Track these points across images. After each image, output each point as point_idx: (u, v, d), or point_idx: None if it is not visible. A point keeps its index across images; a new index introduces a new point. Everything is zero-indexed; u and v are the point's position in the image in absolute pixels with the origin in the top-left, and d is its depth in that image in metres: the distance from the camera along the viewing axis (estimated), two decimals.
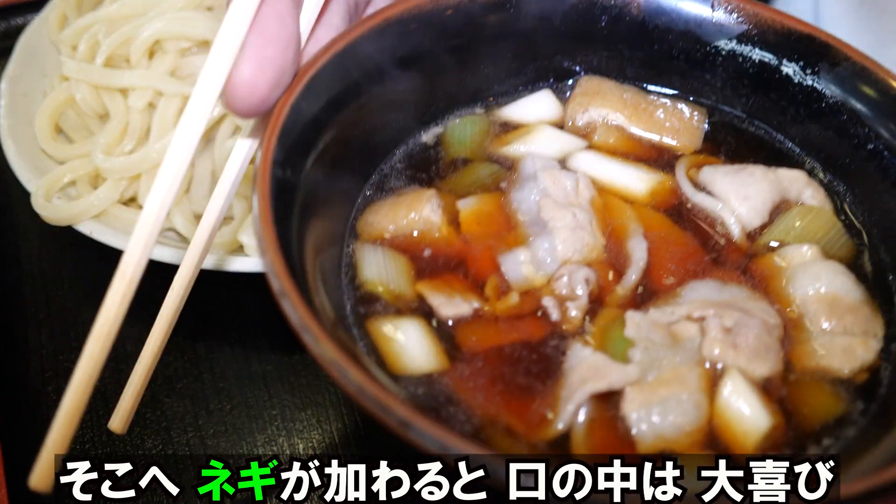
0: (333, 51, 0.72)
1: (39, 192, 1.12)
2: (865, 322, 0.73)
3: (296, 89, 0.68)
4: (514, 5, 0.82)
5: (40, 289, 1.16)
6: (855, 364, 0.71)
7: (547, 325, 0.72)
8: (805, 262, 0.76)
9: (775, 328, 0.71)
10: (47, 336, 1.11)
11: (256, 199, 0.63)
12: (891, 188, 0.77)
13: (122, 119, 1.19)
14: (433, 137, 0.87)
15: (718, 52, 0.84)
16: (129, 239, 1.07)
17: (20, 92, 1.23)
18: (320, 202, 0.73)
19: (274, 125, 0.66)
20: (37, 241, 1.21)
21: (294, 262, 0.64)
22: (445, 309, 0.72)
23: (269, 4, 0.65)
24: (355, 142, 0.78)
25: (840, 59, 0.78)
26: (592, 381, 0.67)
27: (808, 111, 0.82)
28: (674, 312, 0.71)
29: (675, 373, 0.68)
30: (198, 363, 1.07)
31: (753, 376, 0.69)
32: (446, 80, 0.85)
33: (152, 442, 1.01)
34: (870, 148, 0.78)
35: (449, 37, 0.81)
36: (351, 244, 0.78)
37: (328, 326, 0.61)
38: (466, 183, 0.83)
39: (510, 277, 0.75)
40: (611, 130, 0.87)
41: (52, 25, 1.31)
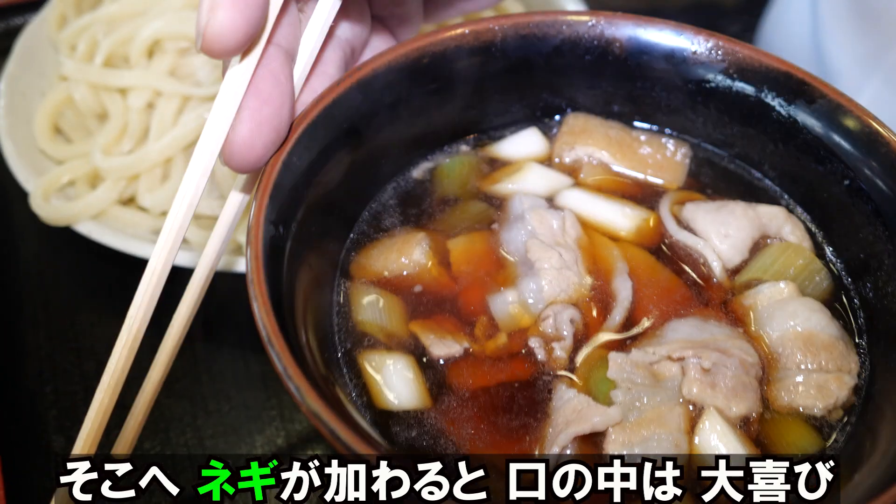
0: (322, 104, 0.75)
1: (38, 193, 1.12)
2: (840, 358, 0.75)
3: (287, 146, 0.72)
4: (499, 48, 0.84)
5: (38, 289, 1.17)
6: (829, 401, 0.73)
7: (534, 365, 0.75)
8: (782, 299, 0.78)
9: (753, 367, 0.74)
10: (45, 336, 1.11)
11: (249, 256, 0.66)
12: (866, 223, 0.79)
13: (120, 119, 1.19)
14: (423, 174, 0.89)
15: (700, 90, 0.86)
16: (127, 239, 1.08)
17: (19, 92, 1.24)
18: (312, 247, 0.76)
19: (266, 184, 0.69)
20: (35, 241, 1.22)
21: (284, 312, 0.67)
22: (437, 349, 0.75)
23: (264, 65, 0.69)
24: (346, 186, 0.81)
25: (816, 95, 0.80)
26: (575, 424, 0.69)
27: (786, 147, 0.84)
28: (655, 353, 0.74)
29: (656, 413, 0.70)
30: (196, 364, 1.08)
31: (730, 415, 0.71)
32: (435, 122, 0.88)
33: (151, 443, 1.01)
34: (846, 184, 0.80)
35: (436, 81, 0.83)
36: (343, 285, 0.80)
37: (314, 370, 0.65)
38: (456, 222, 0.85)
39: (498, 318, 0.78)
40: (597, 168, 0.89)
41: (50, 25, 1.31)
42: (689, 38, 0.83)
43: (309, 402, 0.60)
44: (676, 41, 0.84)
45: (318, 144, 0.75)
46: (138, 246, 1.07)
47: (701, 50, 0.83)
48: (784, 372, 0.74)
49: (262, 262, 0.66)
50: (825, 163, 0.81)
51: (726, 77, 0.84)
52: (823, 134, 0.80)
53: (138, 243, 1.08)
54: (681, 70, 0.85)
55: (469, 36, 0.82)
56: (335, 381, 0.71)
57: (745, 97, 0.84)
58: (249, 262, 0.66)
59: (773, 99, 0.83)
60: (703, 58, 0.84)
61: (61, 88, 1.23)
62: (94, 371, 1.07)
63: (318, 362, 0.69)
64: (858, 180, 0.78)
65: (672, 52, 0.84)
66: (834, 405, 0.73)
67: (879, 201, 0.77)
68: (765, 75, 0.82)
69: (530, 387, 0.74)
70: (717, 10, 1.55)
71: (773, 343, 0.76)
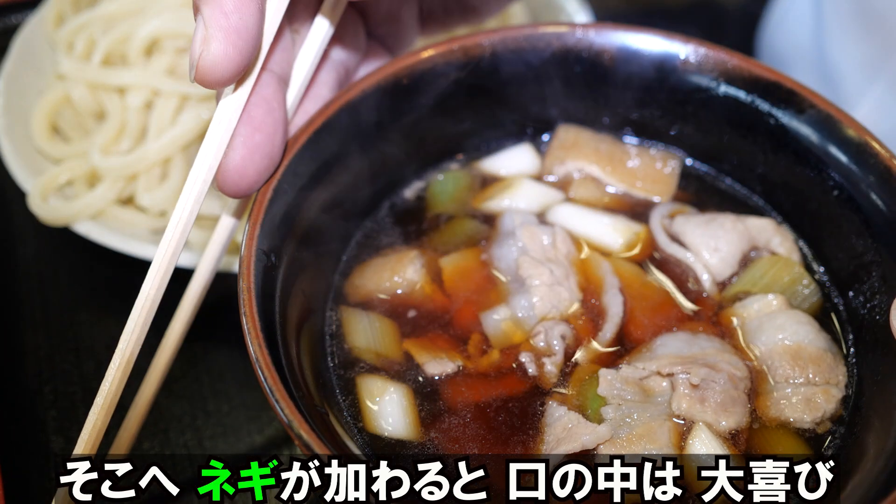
0: (312, 129, 0.75)
1: (36, 193, 1.12)
2: (828, 371, 0.76)
3: (278, 173, 0.72)
4: (489, 62, 0.84)
5: (36, 290, 1.16)
6: (817, 414, 0.74)
7: (527, 381, 0.76)
8: (771, 312, 0.79)
9: (742, 381, 0.74)
10: (44, 337, 1.11)
11: (242, 288, 0.67)
12: (855, 234, 0.79)
13: (118, 118, 1.19)
14: (416, 193, 0.90)
15: (689, 100, 0.86)
16: (126, 239, 1.08)
17: (17, 91, 1.23)
18: (305, 272, 0.77)
19: (257, 213, 0.70)
20: (33, 241, 1.21)
21: (278, 344, 0.68)
22: (431, 367, 0.76)
23: (257, 91, 0.70)
24: (338, 206, 0.81)
25: (806, 105, 0.80)
26: (566, 443, 0.70)
27: (775, 157, 0.84)
28: (645, 368, 0.75)
29: (646, 428, 0.71)
30: (196, 364, 1.08)
31: (720, 429, 0.72)
32: (427, 140, 0.88)
33: (150, 443, 1.01)
34: (836, 195, 0.80)
35: (427, 98, 0.84)
36: (336, 309, 0.81)
37: (308, 403, 0.66)
38: (449, 240, 0.86)
39: (490, 334, 0.79)
40: (587, 182, 0.90)
41: (48, 24, 1.31)
42: (680, 46, 0.84)
43: (303, 435, 0.61)
44: (666, 52, 0.84)
45: (309, 169, 0.75)
46: (137, 246, 1.07)
47: (691, 59, 0.83)
48: (772, 385, 0.75)
49: (255, 294, 0.67)
50: (814, 172, 0.81)
51: (716, 87, 0.84)
52: (813, 144, 0.81)
53: (137, 243, 1.08)
54: (671, 81, 0.85)
55: (458, 52, 0.82)
56: (329, 410, 0.71)
57: (736, 107, 0.84)
58: (242, 294, 0.67)
59: (762, 108, 0.83)
60: (693, 68, 0.84)
61: (59, 87, 1.23)
62: (94, 371, 1.07)
63: (312, 393, 0.70)
64: (847, 190, 0.79)
65: (662, 63, 0.84)
66: (822, 418, 0.74)
67: (869, 212, 0.77)
68: (754, 85, 0.82)
69: (523, 403, 0.74)
70: (717, 11, 1.55)
71: (761, 356, 0.77)
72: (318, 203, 0.78)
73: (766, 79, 0.81)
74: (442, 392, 0.75)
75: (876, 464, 0.67)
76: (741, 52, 0.83)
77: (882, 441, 0.68)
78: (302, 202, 0.75)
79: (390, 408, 0.74)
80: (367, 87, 0.78)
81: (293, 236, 0.74)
